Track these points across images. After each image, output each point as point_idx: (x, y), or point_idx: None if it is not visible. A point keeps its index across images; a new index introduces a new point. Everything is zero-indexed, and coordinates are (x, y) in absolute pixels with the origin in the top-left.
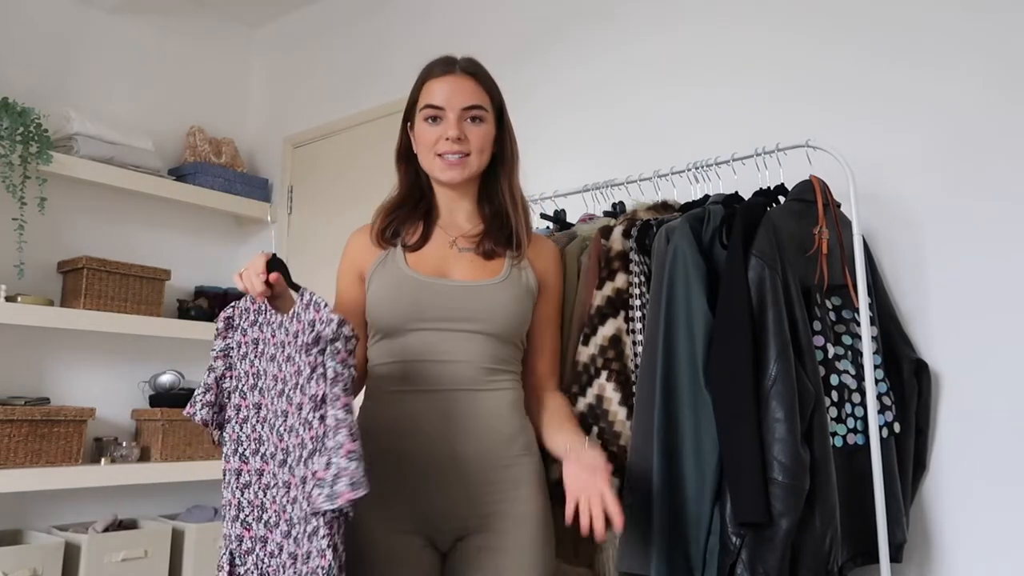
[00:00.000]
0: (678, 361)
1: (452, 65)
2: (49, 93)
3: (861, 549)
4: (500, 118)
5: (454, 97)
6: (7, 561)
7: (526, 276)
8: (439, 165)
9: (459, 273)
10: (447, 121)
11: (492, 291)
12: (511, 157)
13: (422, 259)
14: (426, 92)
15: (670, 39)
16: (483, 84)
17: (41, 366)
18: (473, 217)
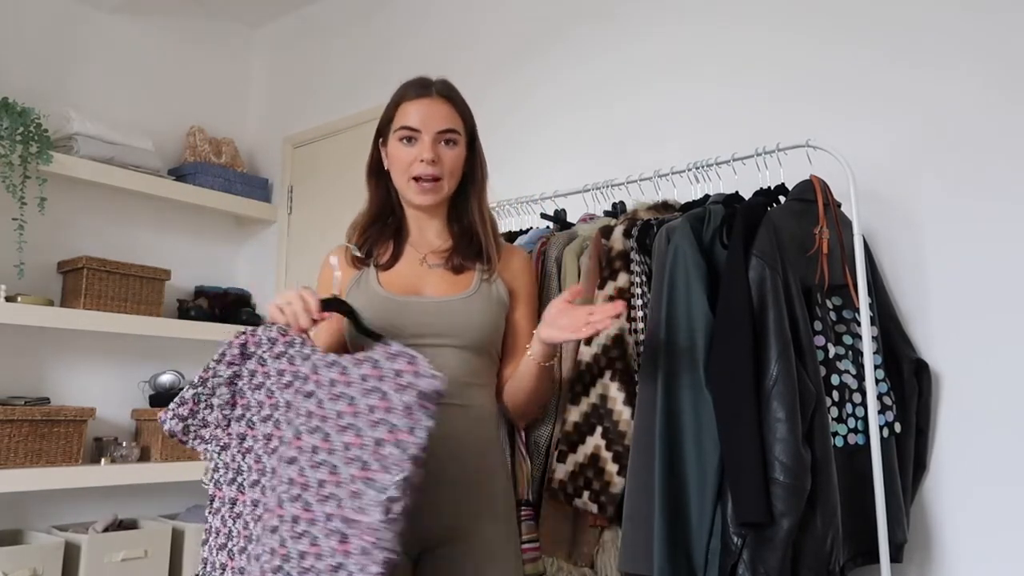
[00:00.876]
0: (679, 361)
1: (428, 88)
2: (49, 93)
3: (861, 549)
4: (472, 141)
5: (430, 120)
6: (7, 561)
7: (496, 287)
8: (414, 189)
9: (431, 289)
10: (422, 143)
11: (463, 305)
12: (481, 179)
13: (394, 278)
14: (401, 113)
15: (670, 39)
16: (457, 108)
17: (41, 366)
18: (443, 234)
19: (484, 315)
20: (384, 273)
